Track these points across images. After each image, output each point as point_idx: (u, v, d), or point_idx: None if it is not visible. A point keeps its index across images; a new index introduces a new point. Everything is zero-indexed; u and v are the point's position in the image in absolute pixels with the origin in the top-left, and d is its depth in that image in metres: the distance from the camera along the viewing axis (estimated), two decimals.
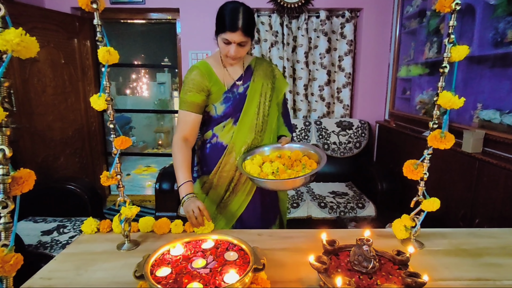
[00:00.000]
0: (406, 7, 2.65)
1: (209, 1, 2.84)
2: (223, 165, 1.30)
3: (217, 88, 1.25)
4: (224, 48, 1.18)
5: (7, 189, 0.54)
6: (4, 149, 0.53)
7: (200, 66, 1.26)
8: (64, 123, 2.79)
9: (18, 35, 0.52)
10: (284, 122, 1.43)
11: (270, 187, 1.18)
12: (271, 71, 1.35)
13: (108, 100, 0.89)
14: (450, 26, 0.86)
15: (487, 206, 1.59)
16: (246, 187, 1.32)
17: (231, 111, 1.27)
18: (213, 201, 1.34)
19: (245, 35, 1.15)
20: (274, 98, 1.34)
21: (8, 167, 0.54)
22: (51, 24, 2.60)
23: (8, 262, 0.52)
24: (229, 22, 1.13)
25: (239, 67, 1.31)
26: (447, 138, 0.91)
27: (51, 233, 1.83)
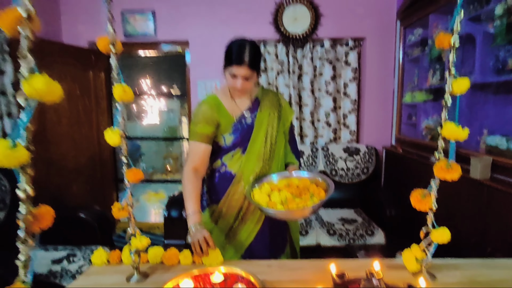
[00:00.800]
0: (409, 36, 2.73)
1: (217, 34, 2.99)
2: (232, 194, 1.32)
3: (226, 119, 1.30)
4: (231, 81, 1.24)
5: (28, 226, 0.57)
6: (27, 189, 0.56)
7: (210, 100, 1.32)
8: (78, 152, 2.87)
9: (44, 82, 0.57)
10: (291, 149, 1.45)
11: (278, 217, 1.18)
12: (277, 101, 1.39)
13: (122, 135, 0.93)
14: (450, 62, 0.89)
15: (499, 234, 1.55)
16: (255, 216, 1.33)
17: (239, 141, 1.31)
18: (222, 230, 1.35)
19: (251, 69, 1.21)
20: (281, 126, 1.38)
21: (29, 206, 0.57)
22: (69, 58, 2.74)
23: None
24: (235, 57, 1.20)
25: (246, 98, 1.36)
26: (454, 168, 0.92)
27: (61, 262, 1.84)
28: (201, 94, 3.08)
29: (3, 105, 2.22)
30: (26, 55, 0.55)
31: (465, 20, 1.92)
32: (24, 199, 0.56)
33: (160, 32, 3.01)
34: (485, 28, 1.77)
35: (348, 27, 2.96)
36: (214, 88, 3.07)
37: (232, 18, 2.98)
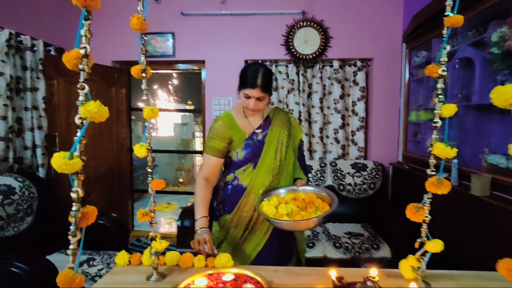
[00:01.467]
0: (414, 57, 2.85)
1: (231, 55, 3.17)
2: (243, 205, 1.43)
3: (238, 136, 1.42)
4: (245, 101, 1.37)
5: (77, 222, 0.70)
6: (78, 191, 0.70)
7: (224, 117, 1.45)
8: (98, 162, 3.05)
9: (96, 106, 0.71)
10: (300, 165, 1.55)
11: (285, 228, 1.27)
12: (287, 120, 1.51)
13: (149, 148, 1.07)
14: (439, 88, 1.00)
15: (500, 249, 1.60)
16: (263, 226, 1.43)
17: (250, 156, 1.42)
18: (234, 239, 1.45)
19: (263, 91, 1.34)
20: (291, 144, 1.49)
21: (79, 205, 0.71)
22: (95, 76, 2.96)
23: (75, 280, 0.67)
24: (250, 80, 1.33)
25: (258, 117, 1.48)
26: (444, 184, 1.01)
27: (82, 266, 1.97)
28: (215, 110, 3.24)
29: (35, 119, 2.42)
30: (84, 86, 0.70)
31: (465, 46, 2.03)
32: (76, 199, 0.70)
33: (179, 52, 3.22)
34: (483, 53, 1.87)
35: (356, 48, 3.11)
36: (227, 105, 3.23)
37: (246, 40, 3.17)
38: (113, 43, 3.21)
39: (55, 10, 2.83)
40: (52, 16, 2.80)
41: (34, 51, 2.45)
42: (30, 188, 2.14)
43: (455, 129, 2.15)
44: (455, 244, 1.94)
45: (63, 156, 0.69)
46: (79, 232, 0.70)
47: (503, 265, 0.70)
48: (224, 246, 1.49)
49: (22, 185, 2.09)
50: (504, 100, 0.69)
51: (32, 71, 2.41)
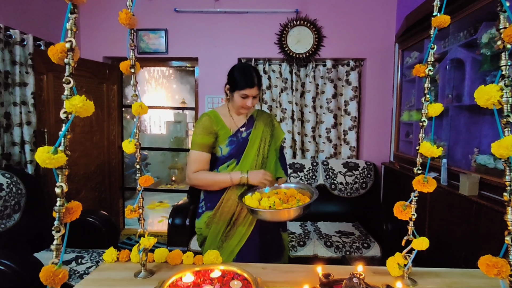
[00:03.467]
0: (406, 58, 2.87)
1: (225, 53, 3.16)
2: (226, 200, 1.45)
3: (223, 131, 1.45)
4: (241, 101, 1.40)
5: (61, 217, 0.69)
6: (63, 186, 0.69)
7: (210, 113, 1.48)
8: (88, 159, 3.02)
9: (82, 101, 0.71)
10: (281, 165, 1.59)
11: (267, 218, 1.29)
12: (270, 121, 1.56)
13: (137, 144, 1.07)
14: (426, 88, 1.01)
15: (487, 248, 1.63)
16: (246, 221, 1.44)
17: (234, 152, 1.45)
18: (216, 235, 1.46)
19: (259, 89, 1.41)
20: (273, 144, 1.53)
21: (64, 200, 0.70)
22: (85, 72, 2.93)
23: (58, 276, 0.66)
24: (247, 81, 1.37)
25: (243, 116, 1.52)
26: (430, 182, 1.02)
27: (70, 263, 1.95)
28: (208, 108, 3.23)
29: (24, 114, 2.39)
30: (69, 80, 0.69)
31: (457, 47, 2.05)
32: (60, 194, 0.69)
33: (172, 49, 3.20)
34: (473, 54, 1.90)
35: (349, 48, 3.12)
36: (220, 103, 3.22)
37: (239, 38, 3.16)
38: (104, 38, 3.18)
39: (45, 4, 2.79)
40: (42, 11, 2.76)
41: (24, 45, 2.41)
42: (18, 185, 2.11)
43: (446, 130, 2.17)
44: (444, 242, 1.96)
45: (47, 150, 0.68)
46: (63, 227, 0.70)
47: (483, 261, 0.71)
48: (207, 242, 1.50)
49: (9, 181, 2.06)
50: (486, 99, 0.70)
51: (21, 65, 2.38)
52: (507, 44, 0.69)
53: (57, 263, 0.68)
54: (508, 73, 0.70)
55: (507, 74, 0.69)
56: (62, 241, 0.70)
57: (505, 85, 0.68)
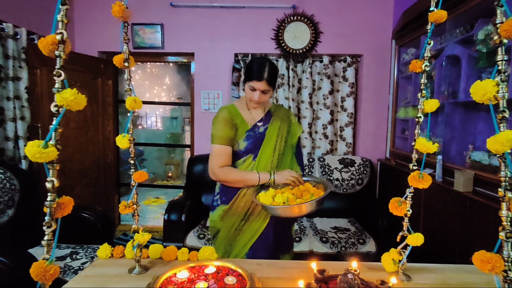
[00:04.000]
0: (403, 54, 2.87)
1: (221, 48, 3.14)
2: (242, 195, 1.45)
3: (242, 125, 1.46)
4: (250, 93, 1.41)
5: (52, 212, 0.68)
6: (54, 180, 0.68)
7: (229, 107, 1.49)
8: (83, 155, 3.00)
9: (73, 94, 0.69)
10: (297, 161, 1.57)
11: (280, 214, 1.28)
12: (287, 117, 1.55)
13: (131, 139, 1.05)
14: (422, 83, 1.01)
15: (480, 244, 1.64)
16: (260, 217, 1.45)
17: (251, 147, 1.45)
18: (229, 229, 1.47)
19: (268, 84, 1.38)
20: (289, 139, 1.52)
21: (55, 195, 0.69)
22: (79, 66, 2.89)
23: (49, 272, 0.65)
24: (256, 73, 1.37)
25: (261, 111, 1.51)
26: (425, 178, 1.02)
27: (65, 259, 1.94)
28: (204, 104, 3.22)
29: (17, 109, 2.36)
30: (60, 73, 0.68)
31: (453, 43, 2.05)
32: (51, 189, 0.68)
33: (168, 44, 3.17)
34: (469, 51, 1.90)
35: (346, 44, 3.11)
36: (216, 98, 3.21)
37: (236, 33, 3.14)
38: (99, 33, 3.14)
39: None
40: (36, 4, 2.72)
41: (17, 39, 2.38)
42: (11, 180, 2.08)
43: (441, 126, 2.18)
44: (438, 238, 1.97)
45: (37, 144, 0.67)
46: (54, 222, 0.69)
47: (477, 257, 0.71)
48: (220, 235, 1.50)
49: (3, 177, 2.03)
50: (482, 95, 0.69)
51: (15, 59, 2.34)
52: (503, 39, 0.68)
53: (48, 259, 0.68)
54: (504, 68, 0.69)
55: (503, 69, 0.68)
56: (53, 237, 0.69)
57: (501, 80, 0.67)
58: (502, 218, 0.69)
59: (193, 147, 3.35)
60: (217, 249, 1.51)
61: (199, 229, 2.54)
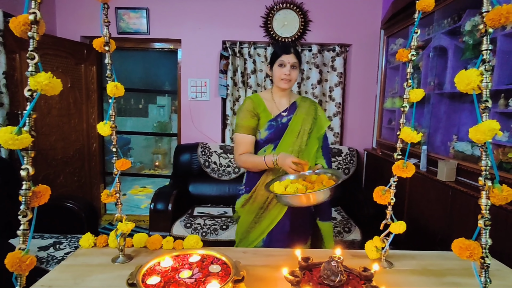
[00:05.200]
0: (391, 45, 2.87)
1: (209, 35, 3.08)
2: (261, 184, 1.47)
3: (264, 115, 1.47)
4: (280, 71, 1.43)
5: (28, 201, 0.65)
6: (29, 168, 0.65)
7: (253, 97, 1.51)
8: (66, 143, 2.92)
9: (47, 78, 0.66)
10: (323, 154, 1.57)
11: (289, 202, 1.27)
12: (314, 109, 1.54)
13: (113, 127, 1.02)
14: (408, 73, 1.01)
15: (461, 232, 1.69)
16: (278, 206, 1.47)
17: (272, 137, 1.46)
18: (249, 216, 1.51)
19: (296, 57, 1.43)
20: (315, 132, 1.52)
21: (30, 183, 0.66)
22: (61, 51, 2.79)
23: (25, 262, 0.63)
24: (283, 48, 1.43)
25: (285, 101, 1.52)
26: (409, 167, 1.03)
27: (48, 249, 1.90)
28: (191, 92, 3.16)
29: None
30: (34, 56, 0.64)
31: (440, 34, 2.06)
32: (25, 177, 0.65)
33: (153, 30, 3.08)
34: (456, 42, 1.91)
35: (335, 33, 3.09)
36: (204, 86, 3.16)
37: (224, 20, 3.07)
38: (82, 17, 3.02)
39: None
40: None
41: None
42: None
43: (427, 117, 2.20)
44: (421, 226, 2.02)
45: (10, 131, 0.64)
46: (30, 212, 0.66)
47: (456, 244, 0.73)
48: (240, 222, 1.56)
49: None
50: (466, 84, 0.69)
51: None
52: (489, 28, 0.68)
53: (24, 249, 0.65)
54: (488, 58, 0.69)
55: (487, 58, 0.68)
56: (29, 226, 0.66)
57: (485, 70, 0.68)
58: (482, 206, 0.70)
59: (180, 135, 3.31)
60: (236, 235, 1.59)
61: (186, 218, 2.53)
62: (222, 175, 2.94)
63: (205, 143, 3.01)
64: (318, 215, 1.57)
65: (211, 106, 3.19)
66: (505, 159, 1.51)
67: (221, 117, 3.22)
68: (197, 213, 2.64)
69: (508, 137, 1.55)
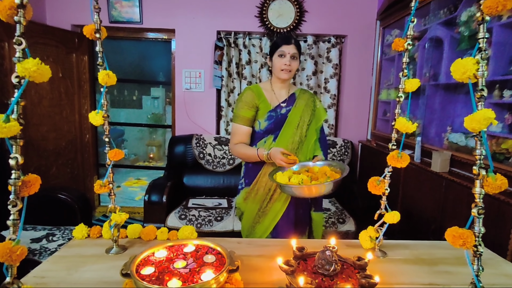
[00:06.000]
0: (386, 36, 2.86)
1: (203, 25, 3.03)
2: (263, 175, 1.47)
3: (264, 105, 1.46)
4: (280, 61, 1.42)
5: (17, 190, 0.64)
6: (17, 157, 0.64)
7: (253, 87, 1.50)
8: (58, 134, 2.88)
9: (35, 64, 0.64)
10: (321, 146, 1.57)
11: (293, 193, 1.27)
12: (312, 101, 1.55)
13: (105, 116, 1.00)
14: (404, 62, 1.00)
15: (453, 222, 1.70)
16: (282, 196, 1.47)
17: (272, 127, 1.46)
18: (253, 210, 1.50)
19: (296, 48, 1.43)
20: (313, 124, 1.53)
21: (19, 172, 0.64)
22: (52, 40, 2.73)
23: (15, 252, 0.62)
24: (283, 39, 1.43)
25: (285, 92, 1.52)
26: (403, 158, 1.03)
27: (40, 241, 1.89)
28: (186, 83, 3.13)
29: None
30: (21, 41, 0.62)
31: (436, 24, 2.05)
32: (15, 166, 0.63)
33: (147, 19, 3.02)
34: (452, 33, 1.91)
35: (330, 24, 3.06)
36: (198, 77, 3.12)
37: (219, 9, 3.02)
38: (73, 5, 2.95)
39: None
40: None
41: None
42: None
43: (421, 109, 2.21)
44: (415, 216, 2.04)
45: None
46: (19, 201, 0.65)
47: (450, 233, 0.74)
48: (244, 217, 1.55)
49: None
50: (462, 72, 0.69)
51: None
52: (486, 16, 0.67)
53: (14, 239, 0.64)
54: (485, 46, 0.69)
55: (484, 47, 0.68)
56: (19, 216, 0.65)
57: (482, 58, 0.67)
58: (475, 195, 0.71)
59: (174, 127, 3.28)
60: (242, 231, 1.58)
61: (180, 210, 2.53)
62: (216, 166, 2.93)
63: (200, 135, 2.99)
64: (313, 206, 1.58)
65: (205, 97, 3.16)
66: (499, 150, 1.53)
67: (215, 109, 3.19)
68: (192, 205, 2.64)
69: (502, 127, 1.56)
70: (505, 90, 1.54)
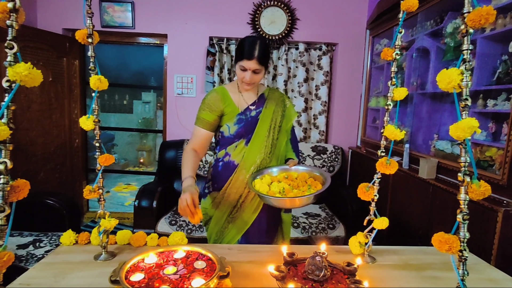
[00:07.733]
0: (376, 45, 2.93)
1: (195, 30, 3.05)
2: (234, 181, 1.40)
3: (230, 109, 1.39)
4: (241, 74, 1.33)
5: (5, 196, 0.63)
6: (6, 162, 0.63)
7: (218, 90, 1.42)
8: (47, 138, 2.83)
9: (27, 68, 0.64)
10: (292, 148, 1.52)
11: (277, 205, 1.25)
12: (282, 101, 1.48)
13: (96, 121, 1.00)
14: (392, 71, 1.03)
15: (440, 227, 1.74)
16: (253, 204, 1.41)
17: (243, 131, 1.39)
18: (221, 217, 1.44)
19: (260, 63, 1.30)
20: (284, 124, 1.47)
21: (8, 177, 0.64)
22: (42, 44, 2.70)
23: (2, 259, 0.61)
24: (246, 52, 1.29)
25: (253, 94, 1.44)
26: (392, 164, 1.06)
27: (27, 247, 1.84)
28: (177, 88, 3.13)
29: None
30: (13, 45, 0.62)
31: (423, 35, 2.11)
32: (3, 171, 0.63)
33: (139, 24, 3.03)
34: (438, 43, 1.96)
35: (322, 32, 3.12)
36: (190, 82, 3.13)
37: (211, 15, 3.05)
38: (64, 9, 2.94)
39: None
40: None
41: None
42: None
43: (409, 117, 2.26)
44: (403, 222, 2.07)
45: None
46: (7, 207, 0.64)
47: (436, 238, 0.75)
48: (212, 222, 1.47)
49: None
50: (447, 82, 0.71)
51: None
52: (469, 29, 0.70)
53: (1, 245, 0.63)
54: (469, 58, 0.72)
55: (468, 58, 0.70)
56: (7, 222, 0.64)
57: (466, 69, 0.70)
58: (460, 201, 0.73)
59: (165, 132, 3.26)
60: (209, 237, 1.51)
61: (171, 215, 2.51)
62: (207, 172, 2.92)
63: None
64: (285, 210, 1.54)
65: (197, 103, 3.11)
66: (483, 157, 1.57)
67: None
68: None
69: (485, 136, 1.60)
70: (489, 100, 1.59)
